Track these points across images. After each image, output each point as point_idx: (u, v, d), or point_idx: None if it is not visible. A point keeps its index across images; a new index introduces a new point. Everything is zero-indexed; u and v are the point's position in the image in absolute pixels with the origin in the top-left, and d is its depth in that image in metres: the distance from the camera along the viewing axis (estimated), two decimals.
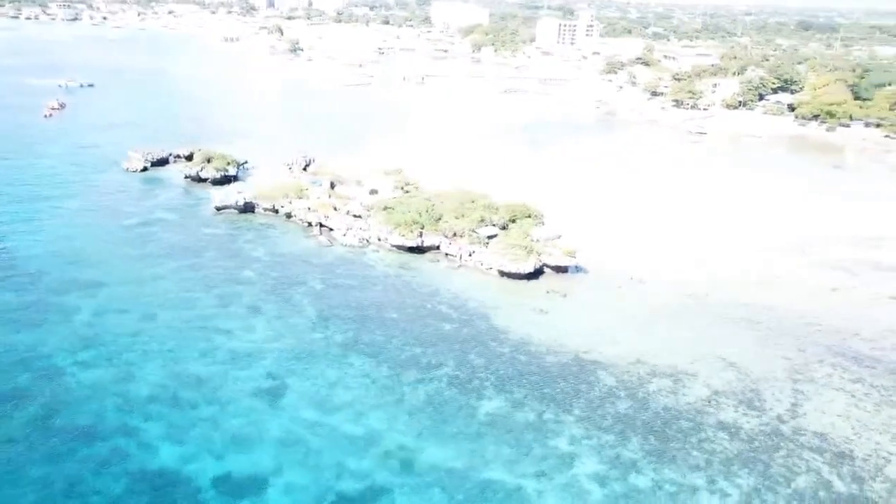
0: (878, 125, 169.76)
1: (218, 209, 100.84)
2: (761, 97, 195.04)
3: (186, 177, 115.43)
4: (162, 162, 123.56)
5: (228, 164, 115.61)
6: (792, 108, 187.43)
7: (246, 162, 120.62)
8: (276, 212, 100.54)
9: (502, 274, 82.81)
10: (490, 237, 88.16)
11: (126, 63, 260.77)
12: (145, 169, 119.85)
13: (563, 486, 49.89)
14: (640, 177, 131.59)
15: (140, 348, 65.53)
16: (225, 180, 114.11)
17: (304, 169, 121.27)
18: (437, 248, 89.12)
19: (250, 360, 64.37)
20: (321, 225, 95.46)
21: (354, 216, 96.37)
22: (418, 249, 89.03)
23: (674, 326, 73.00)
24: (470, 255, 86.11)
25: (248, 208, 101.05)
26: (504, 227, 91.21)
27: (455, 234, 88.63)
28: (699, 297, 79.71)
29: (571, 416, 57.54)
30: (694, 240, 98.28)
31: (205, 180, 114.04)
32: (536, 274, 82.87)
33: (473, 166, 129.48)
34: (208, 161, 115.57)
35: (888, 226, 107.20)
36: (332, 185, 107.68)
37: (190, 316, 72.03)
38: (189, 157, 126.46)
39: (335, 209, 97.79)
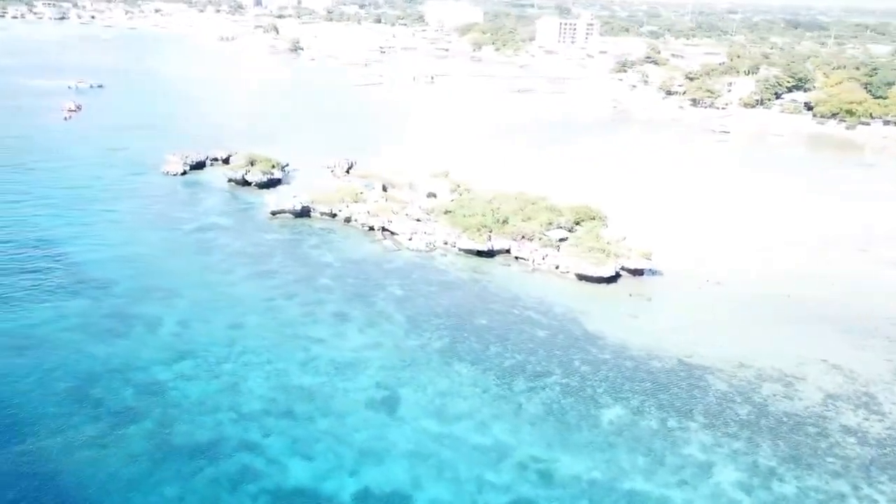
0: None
1: (273, 213, 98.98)
2: (777, 96, 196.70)
3: (230, 180, 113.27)
4: (199, 165, 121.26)
5: (273, 166, 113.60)
6: (809, 106, 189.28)
7: (287, 164, 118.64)
8: (334, 216, 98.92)
9: (580, 277, 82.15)
10: (561, 240, 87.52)
11: (127, 63, 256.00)
12: (184, 172, 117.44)
13: (709, 495, 49.32)
14: (680, 175, 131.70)
15: (237, 359, 63.90)
16: (270, 183, 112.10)
17: (347, 171, 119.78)
18: (507, 251, 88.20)
19: (353, 369, 63.04)
20: (384, 229, 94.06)
21: (415, 220, 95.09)
22: (487, 253, 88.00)
23: (765, 328, 72.82)
24: (543, 258, 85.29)
25: (303, 213, 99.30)
26: (570, 230, 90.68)
27: (524, 237, 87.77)
28: (781, 298, 79.65)
29: (695, 423, 57.04)
30: (751, 238, 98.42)
31: (249, 184, 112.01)
32: (614, 277, 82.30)
33: (512, 166, 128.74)
34: (252, 164, 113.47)
35: None
36: (384, 189, 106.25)
37: (277, 324, 70.45)
38: (226, 161, 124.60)
39: (394, 213, 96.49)
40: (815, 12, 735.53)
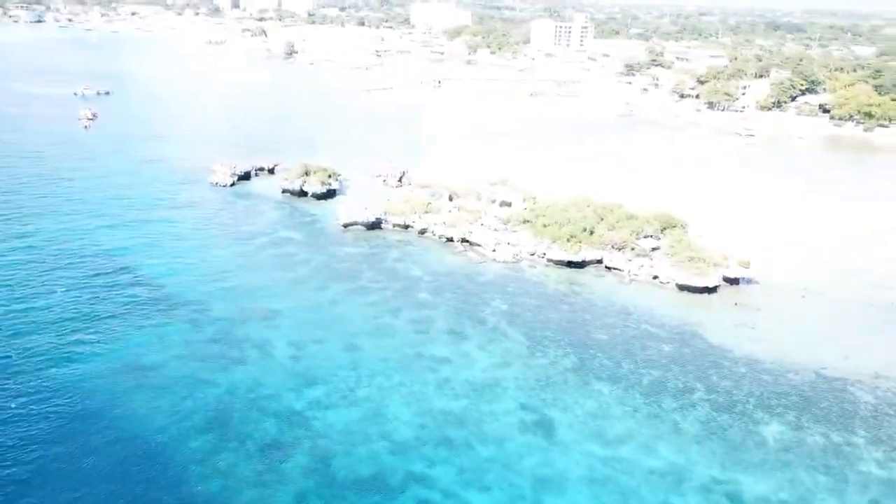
0: None
1: (345, 226, 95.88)
2: (792, 98, 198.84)
3: (285, 191, 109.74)
4: (245, 175, 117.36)
5: (329, 176, 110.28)
6: (825, 108, 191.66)
7: (340, 175, 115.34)
8: (407, 228, 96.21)
9: (681, 288, 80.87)
10: (653, 249, 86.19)
11: (125, 68, 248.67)
12: (233, 183, 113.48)
13: None
14: (729, 179, 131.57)
15: (368, 383, 61.08)
16: (328, 195, 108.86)
17: (399, 180, 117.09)
18: (598, 262, 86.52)
19: (492, 391, 60.66)
20: (464, 240, 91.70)
21: (493, 230, 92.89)
22: (578, 264, 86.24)
23: (883, 336, 72.30)
24: (640, 268, 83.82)
25: (375, 225, 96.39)
26: (657, 238, 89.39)
27: (616, 247, 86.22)
28: (885, 305, 79.34)
29: (859, 438, 55.96)
30: (823, 242, 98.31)
31: (305, 194, 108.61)
32: (714, 287, 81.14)
33: (559, 171, 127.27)
34: (307, 174, 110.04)
35: None
36: (450, 198, 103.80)
37: (395, 344, 67.73)
38: (271, 171, 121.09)
39: (470, 223, 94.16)
40: (779, 13, 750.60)
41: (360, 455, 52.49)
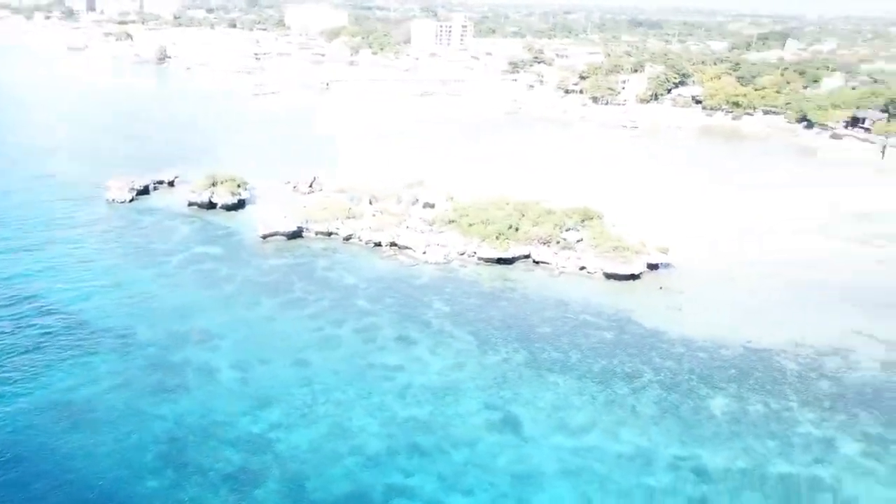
0: (776, 112, 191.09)
1: (264, 237, 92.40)
2: (668, 91, 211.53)
3: (192, 204, 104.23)
4: (144, 190, 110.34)
5: (238, 186, 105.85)
6: (697, 100, 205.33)
7: (248, 184, 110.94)
8: (330, 235, 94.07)
9: (608, 276, 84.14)
10: (577, 241, 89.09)
11: None
12: (132, 199, 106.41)
13: (847, 468, 52.61)
14: (629, 171, 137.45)
15: (326, 398, 59.36)
16: (239, 205, 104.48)
17: (310, 186, 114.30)
18: (526, 256, 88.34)
19: (453, 394, 60.57)
20: (393, 244, 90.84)
21: (420, 232, 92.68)
22: (507, 260, 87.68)
23: (795, 310, 78.05)
24: (567, 260, 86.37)
25: (296, 234, 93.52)
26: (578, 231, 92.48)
27: (543, 242, 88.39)
28: (797, 281, 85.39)
29: (793, 402, 60.39)
30: (725, 227, 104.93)
31: (214, 206, 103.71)
32: (637, 273, 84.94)
33: (465, 170, 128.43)
34: (214, 185, 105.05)
35: (871, 201, 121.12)
36: (370, 202, 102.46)
37: (343, 355, 66.15)
38: (171, 183, 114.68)
39: (396, 226, 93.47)
40: (633, 10, 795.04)
41: (333, 474, 50.94)
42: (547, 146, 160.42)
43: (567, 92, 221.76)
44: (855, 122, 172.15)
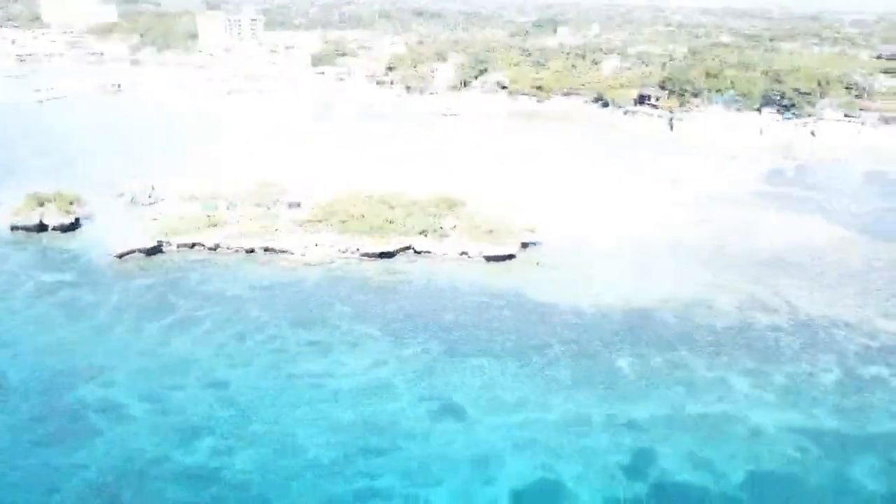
0: (575, 94, 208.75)
1: (120, 256, 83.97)
2: (475, 78, 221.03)
3: (15, 228, 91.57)
4: None
5: (71, 203, 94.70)
6: (503, 86, 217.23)
7: (79, 200, 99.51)
8: (193, 246, 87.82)
9: (488, 259, 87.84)
10: (452, 228, 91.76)
11: None
12: None
13: (749, 403, 60.74)
14: (468, 156, 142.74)
15: (256, 416, 56.59)
16: (73, 225, 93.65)
17: (149, 197, 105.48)
18: (407, 248, 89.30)
19: (386, 391, 60.55)
20: (267, 249, 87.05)
21: (292, 233, 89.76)
22: (389, 254, 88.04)
23: (656, 271, 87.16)
24: (447, 247, 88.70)
25: (156, 249, 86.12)
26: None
27: (422, 232, 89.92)
28: (652, 245, 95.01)
29: (684, 352, 67.96)
30: (573, 200, 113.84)
31: (45, 228, 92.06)
32: (514, 253, 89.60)
33: (308, 166, 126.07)
34: (41, 205, 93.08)
35: (676, 169, 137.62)
36: (227, 207, 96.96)
37: (259, 369, 63.13)
38: None
39: (264, 229, 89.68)
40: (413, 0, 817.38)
41: (297, 490, 49.08)
42: (380, 138, 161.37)
43: (379, 83, 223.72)
44: (642, 99, 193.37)
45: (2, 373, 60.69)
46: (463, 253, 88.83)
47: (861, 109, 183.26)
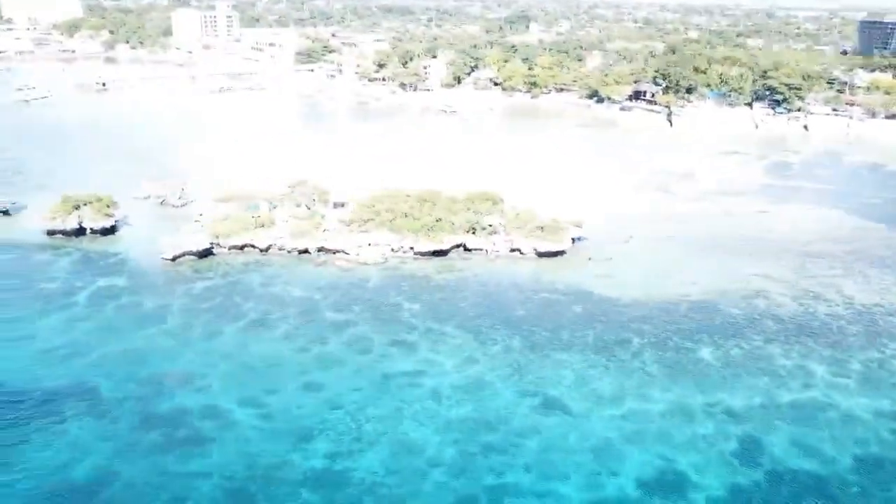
0: (567, 90, 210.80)
1: (174, 259, 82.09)
2: (468, 74, 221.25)
3: (52, 232, 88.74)
4: None
5: (108, 206, 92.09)
6: (496, 82, 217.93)
7: (116, 203, 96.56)
8: (243, 248, 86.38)
9: (540, 255, 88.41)
10: (499, 225, 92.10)
11: None
12: None
13: (822, 390, 62.70)
14: (489, 153, 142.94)
15: (363, 417, 56.26)
16: (112, 229, 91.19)
17: (179, 199, 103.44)
18: (458, 246, 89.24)
19: (483, 388, 60.72)
20: (321, 249, 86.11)
21: (342, 234, 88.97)
22: (441, 252, 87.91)
23: (703, 261, 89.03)
24: (503, 243, 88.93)
25: (208, 252, 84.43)
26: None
27: (471, 230, 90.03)
28: (689, 238, 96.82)
29: (759, 342, 69.76)
30: (603, 195, 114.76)
31: (83, 232, 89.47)
32: (565, 249, 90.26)
33: (334, 164, 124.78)
34: (76, 207, 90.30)
35: (685, 165, 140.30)
36: (269, 209, 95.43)
37: (352, 371, 62.71)
38: (6, 213, 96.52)
39: (315, 230, 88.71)
40: None
41: (428, 490, 48.97)
42: (388, 135, 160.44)
43: (370, 80, 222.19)
44: (637, 95, 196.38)
45: (85, 383, 58.95)
46: (514, 249, 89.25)
47: (847, 104, 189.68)
